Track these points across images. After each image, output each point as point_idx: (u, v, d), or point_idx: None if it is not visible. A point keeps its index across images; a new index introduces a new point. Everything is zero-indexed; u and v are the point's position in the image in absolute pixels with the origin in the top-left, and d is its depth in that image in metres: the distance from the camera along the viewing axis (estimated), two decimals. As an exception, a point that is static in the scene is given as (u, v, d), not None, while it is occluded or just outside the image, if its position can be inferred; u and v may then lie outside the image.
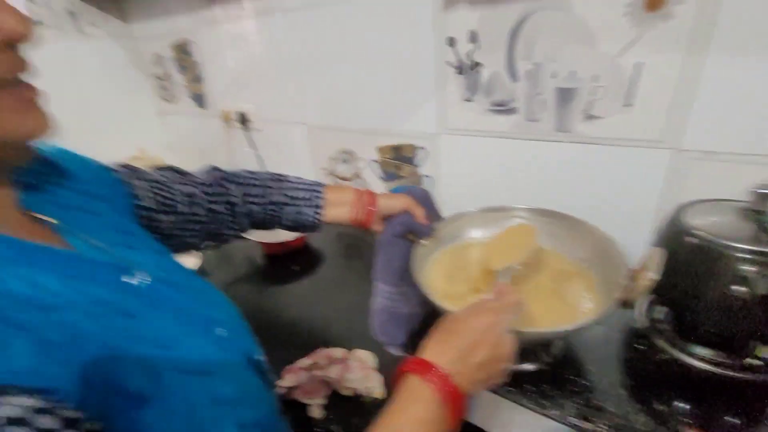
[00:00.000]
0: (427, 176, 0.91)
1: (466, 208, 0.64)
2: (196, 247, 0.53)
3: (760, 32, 0.50)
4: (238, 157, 1.31)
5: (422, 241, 0.57)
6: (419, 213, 0.56)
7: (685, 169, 0.61)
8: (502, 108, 0.73)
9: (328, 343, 0.68)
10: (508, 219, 0.62)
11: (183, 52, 1.24)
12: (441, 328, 0.39)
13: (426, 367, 0.34)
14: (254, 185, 0.54)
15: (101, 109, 1.32)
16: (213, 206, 0.52)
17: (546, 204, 0.62)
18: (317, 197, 0.55)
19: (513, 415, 0.48)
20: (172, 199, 0.48)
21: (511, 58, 0.68)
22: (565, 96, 0.66)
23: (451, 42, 0.73)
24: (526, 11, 0.64)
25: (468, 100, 0.76)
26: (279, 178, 0.56)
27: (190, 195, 0.50)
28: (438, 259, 0.60)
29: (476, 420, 0.50)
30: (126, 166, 0.47)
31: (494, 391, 0.48)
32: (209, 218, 0.52)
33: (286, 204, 0.55)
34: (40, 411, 0.19)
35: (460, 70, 0.74)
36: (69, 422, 0.20)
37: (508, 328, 0.37)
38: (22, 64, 0.26)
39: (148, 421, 0.24)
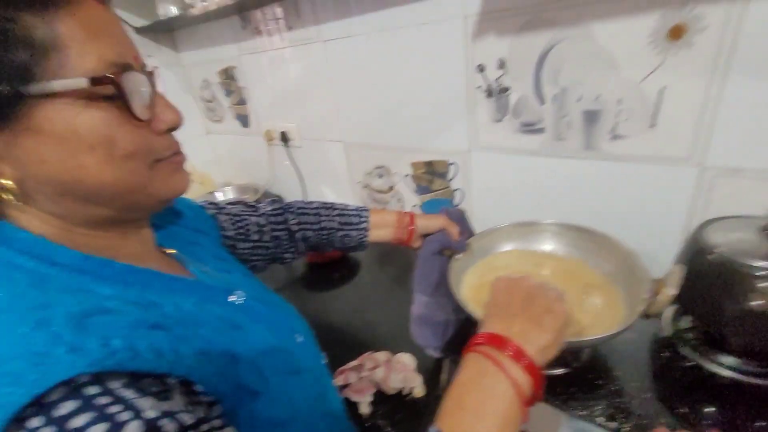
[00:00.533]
0: (458, 190, 0.96)
1: (496, 221, 0.69)
2: (261, 269, 0.62)
3: (780, 58, 0.53)
4: (278, 172, 1.41)
5: (457, 256, 0.63)
6: (454, 231, 0.62)
7: (710, 185, 0.63)
8: (531, 128, 0.78)
9: (370, 346, 0.75)
10: (538, 233, 0.67)
11: (228, 77, 1.35)
12: (492, 299, 0.40)
13: (500, 341, 0.34)
14: (308, 214, 0.62)
15: (157, 130, 1.46)
16: (276, 233, 0.61)
17: (574, 219, 0.66)
18: (363, 221, 0.63)
19: (543, 415, 0.53)
20: (246, 229, 0.56)
21: (538, 83, 0.73)
22: (591, 118, 0.70)
23: (481, 68, 0.78)
24: (552, 41, 0.69)
25: (498, 121, 0.81)
26: (329, 206, 0.64)
27: (259, 225, 0.59)
28: (471, 271, 0.66)
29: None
30: (210, 204, 0.56)
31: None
32: (273, 244, 0.61)
33: (337, 229, 0.63)
34: (192, 397, 0.27)
35: (490, 93, 0.80)
36: (209, 405, 0.28)
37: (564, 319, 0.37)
38: (176, 144, 0.35)
39: (260, 409, 0.31)
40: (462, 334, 0.63)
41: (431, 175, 0.99)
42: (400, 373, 0.64)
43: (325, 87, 1.08)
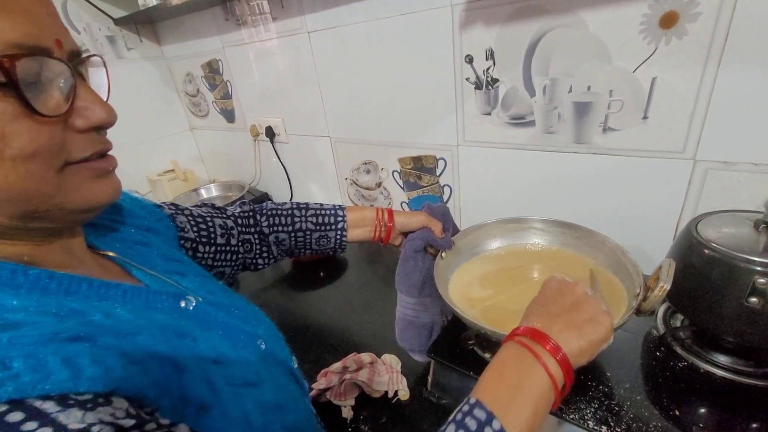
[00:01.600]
0: (447, 186, 0.94)
1: (485, 218, 0.67)
2: (231, 276, 0.58)
3: (775, 46, 0.51)
4: (265, 168, 1.37)
5: (442, 254, 0.60)
6: (437, 227, 0.59)
7: (702, 179, 0.62)
8: (520, 121, 0.75)
9: (355, 346, 0.73)
10: (525, 230, 0.65)
11: (212, 70, 1.31)
12: (540, 297, 0.41)
13: (541, 337, 0.35)
14: (281, 215, 0.59)
15: (139, 126, 1.41)
16: (245, 236, 0.57)
17: (565, 214, 0.64)
18: (340, 221, 0.60)
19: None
20: (209, 231, 0.53)
21: (528, 73, 0.71)
22: (581, 110, 0.68)
23: (470, 59, 0.76)
24: (542, 30, 0.66)
25: (486, 114, 0.79)
26: (303, 207, 0.60)
27: (224, 227, 0.55)
28: (458, 271, 0.63)
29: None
30: (171, 204, 0.52)
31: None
32: (244, 249, 0.57)
33: (313, 230, 0.59)
34: (130, 413, 0.23)
35: (479, 85, 0.77)
36: (149, 420, 0.24)
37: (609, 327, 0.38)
38: (102, 144, 0.30)
39: (209, 424, 0.28)
40: (448, 336, 0.61)
41: (419, 170, 0.97)
42: (385, 375, 0.62)
43: (312, 80, 1.05)
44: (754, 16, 0.51)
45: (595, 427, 0.45)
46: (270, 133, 1.23)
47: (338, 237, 0.60)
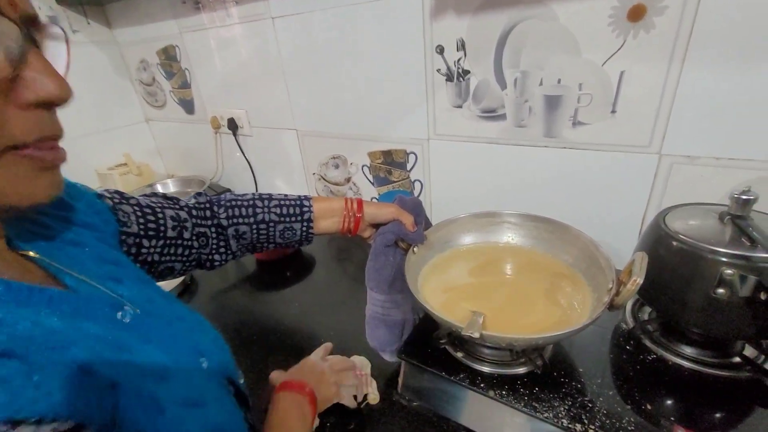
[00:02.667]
0: (418, 181, 0.92)
1: (457, 213, 0.65)
2: (181, 272, 0.53)
3: (735, 42, 0.52)
4: (227, 162, 1.30)
5: (414, 249, 0.57)
6: (408, 220, 0.57)
7: (667, 173, 0.63)
8: (491, 114, 0.74)
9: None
10: (498, 224, 0.63)
11: (169, 57, 1.22)
12: (303, 367, 0.55)
13: (301, 386, 0.48)
14: (241, 206, 0.54)
15: (86, 115, 1.30)
16: (201, 229, 0.52)
17: (535, 208, 0.63)
18: (306, 211, 0.55)
19: (506, 418, 0.49)
20: (158, 223, 0.47)
21: (499, 66, 0.70)
22: (552, 103, 0.67)
23: (440, 50, 0.74)
24: (513, 21, 0.65)
25: (458, 107, 0.77)
26: (265, 197, 0.56)
27: (176, 219, 0.49)
28: (430, 266, 0.61)
29: (470, 424, 0.51)
30: (116, 192, 0.46)
31: (488, 395, 0.49)
32: (198, 243, 0.52)
33: (276, 222, 0.55)
34: None
35: (450, 77, 0.75)
36: None
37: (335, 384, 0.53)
38: (51, 127, 0.25)
39: None
40: (420, 335, 0.58)
41: (389, 165, 0.94)
42: (354, 378, 0.58)
43: (277, 70, 0.99)
44: (717, 11, 0.52)
45: (569, 425, 0.44)
46: (232, 125, 1.16)
47: (304, 228, 0.56)
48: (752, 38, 0.51)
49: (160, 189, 1.31)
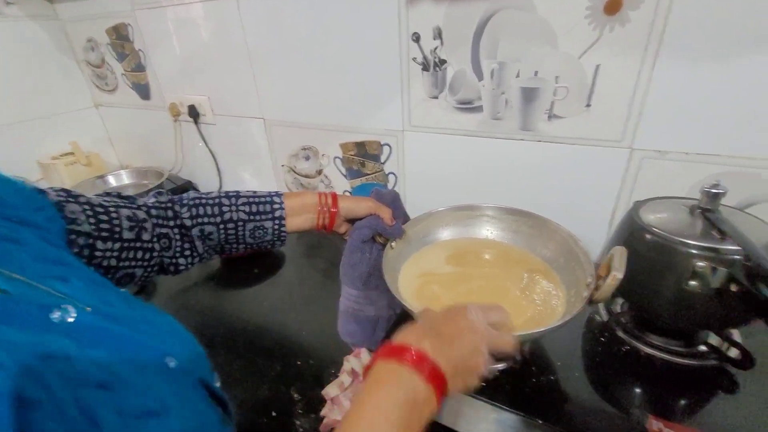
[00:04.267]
0: (392, 173, 0.89)
1: (432, 206, 0.64)
2: (144, 279, 0.47)
3: (706, 38, 0.53)
4: (188, 153, 1.22)
5: (392, 244, 0.55)
6: (386, 214, 0.55)
7: (639, 167, 0.64)
8: (468, 106, 0.73)
9: (292, 349, 0.66)
10: (476, 218, 0.62)
11: (121, 37, 1.12)
12: (422, 319, 0.37)
13: (402, 350, 0.32)
14: (206, 205, 0.49)
15: (25, 99, 1.17)
16: (162, 230, 0.47)
17: (511, 201, 0.62)
18: (277, 208, 0.52)
19: (483, 414, 0.48)
20: (112, 224, 0.42)
21: (476, 56, 0.68)
22: (528, 95, 0.67)
23: (416, 38, 0.71)
24: (491, 9, 0.64)
25: (434, 98, 0.75)
26: (232, 195, 0.52)
27: (133, 219, 0.44)
28: (408, 262, 0.59)
29: (447, 421, 0.50)
30: (62, 190, 0.41)
31: (465, 393, 0.48)
32: (160, 245, 0.47)
33: (245, 220, 0.51)
34: None
35: (426, 66, 0.73)
36: None
37: (486, 345, 0.35)
38: None
39: None
40: (396, 330, 0.56)
41: (363, 157, 0.91)
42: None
43: (242, 54, 0.93)
44: (690, 7, 0.52)
45: (547, 420, 0.44)
46: (193, 112, 1.09)
47: (276, 227, 0.52)
48: (722, 35, 0.52)
49: (112, 181, 1.21)
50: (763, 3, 0.49)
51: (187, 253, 0.50)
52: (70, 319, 0.26)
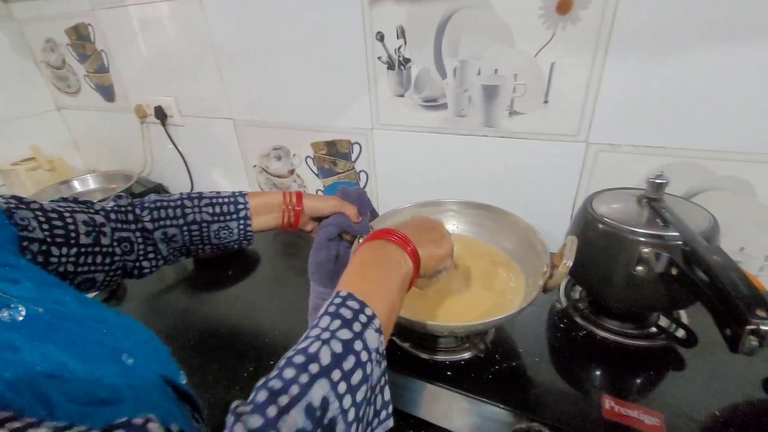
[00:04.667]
0: (363, 171, 0.90)
1: (403, 202, 0.65)
2: (106, 284, 0.47)
3: (651, 36, 0.56)
4: (157, 155, 1.20)
5: (358, 240, 0.56)
6: (351, 212, 0.56)
7: (595, 160, 0.67)
8: (433, 104, 0.74)
9: (265, 350, 0.66)
10: (440, 213, 0.64)
11: (81, 37, 1.09)
12: (402, 222, 0.46)
13: (389, 232, 0.40)
14: (167, 207, 0.49)
15: (-21, 102, 1.13)
16: (123, 234, 0.47)
17: (477, 195, 0.65)
18: (242, 208, 0.52)
19: (453, 404, 0.50)
20: (67, 229, 0.41)
21: (439, 54, 0.70)
22: (489, 93, 0.69)
23: (381, 37, 0.72)
24: (450, 8, 0.65)
25: (400, 96, 0.76)
26: (194, 196, 0.52)
27: (90, 223, 0.44)
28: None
29: (420, 412, 0.51)
30: (12, 197, 0.40)
31: (434, 383, 0.49)
32: (121, 249, 0.47)
33: (209, 222, 0.51)
34: None
35: (391, 65, 0.74)
36: None
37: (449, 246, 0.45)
38: None
39: None
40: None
41: (334, 156, 0.91)
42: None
43: (208, 54, 0.92)
44: (635, 6, 0.55)
45: (512, 405, 0.46)
46: (160, 114, 1.07)
47: (241, 227, 0.53)
48: (665, 33, 0.55)
49: (77, 186, 1.18)
50: (700, 3, 0.52)
51: (151, 256, 0.50)
52: (19, 317, 0.26)
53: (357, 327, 0.31)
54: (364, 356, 0.30)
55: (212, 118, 1.02)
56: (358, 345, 0.30)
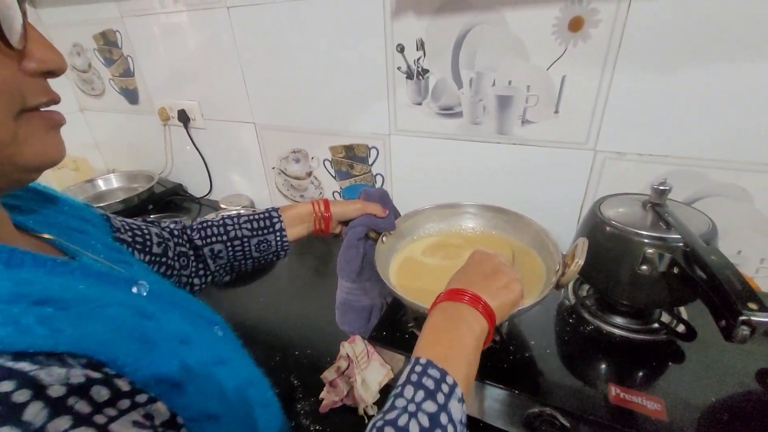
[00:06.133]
0: (379, 175, 0.95)
1: (417, 205, 0.69)
2: None
3: (656, 52, 0.60)
4: (177, 156, 1.24)
5: (383, 238, 0.61)
6: (377, 210, 0.60)
7: (602, 167, 0.71)
8: (449, 112, 0.79)
9: (289, 340, 0.70)
10: (459, 214, 0.68)
11: (109, 43, 1.14)
12: (463, 267, 0.45)
13: (458, 293, 0.39)
14: (211, 227, 0.55)
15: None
16: (181, 249, 0.52)
17: (489, 199, 0.69)
18: (277, 221, 0.57)
19: (471, 390, 0.54)
20: (144, 237, 0.47)
21: (456, 66, 0.74)
22: (503, 103, 0.73)
23: (401, 48, 0.77)
24: (468, 24, 0.70)
25: (417, 104, 0.81)
26: (234, 216, 0.57)
27: (160, 236, 0.50)
28: (399, 253, 0.64)
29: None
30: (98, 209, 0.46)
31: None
32: (179, 264, 0.52)
33: (249, 236, 0.56)
34: (96, 380, 0.21)
35: (410, 75, 0.79)
36: (122, 393, 0.22)
37: (515, 279, 0.44)
38: (52, 93, 0.28)
39: (187, 402, 0.26)
40: (389, 319, 0.62)
41: (351, 159, 0.96)
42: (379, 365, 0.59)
43: (232, 61, 0.97)
44: (642, 25, 0.60)
45: (525, 393, 0.50)
46: (183, 117, 1.11)
47: (279, 239, 0.57)
48: (669, 49, 0.59)
49: (101, 185, 1.23)
50: (701, 21, 0.56)
51: (201, 273, 0.55)
52: (145, 293, 0.31)
53: (441, 398, 0.31)
54: (450, 430, 0.30)
55: (234, 122, 1.07)
56: (443, 418, 0.31)
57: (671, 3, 0.57)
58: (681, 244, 0.49)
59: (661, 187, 0.54)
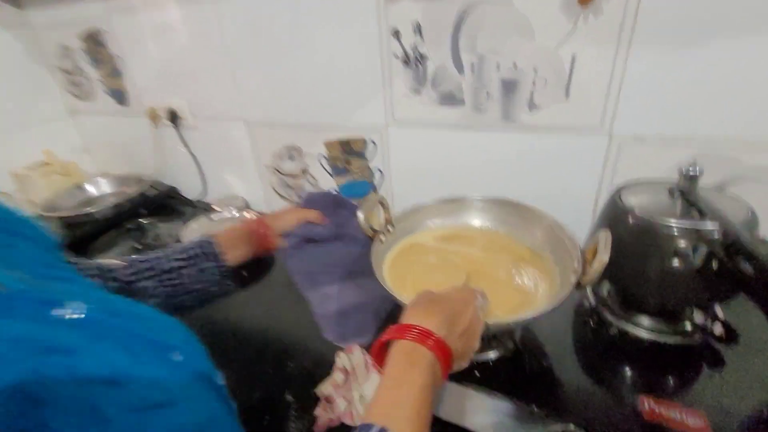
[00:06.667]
0: (378, 170, 0.89)
1: (418, 200, 0.64)
2: None
3: (676, 25, 0.54)
4: (169, 158, 1.20)
5: (381, 238, 0.55)
6: (313, 216, 0.58)
7: (618, 152, 0.65)
8: (450, 100, 0.73)
9: (285, 349, 0.65)
10: (465, 209, 0.63)
11: (95, 43, 1.10)
12: (421, 298, 0.40)
13: (424, 334, 0.34)
14: (140, 262, 0.50)
15: (-4, 108, 1.14)
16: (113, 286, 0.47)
17: (496, 191, 0.63)
18: (211, 246, 0.52)
19: (479, 403, 0.48)
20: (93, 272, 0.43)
21: (456, 50, 0.69)
22: (508, 87, 0.68)
23: (396, 34, 0.71)
24: (468, 4, 0.64)
25: (416, 92, 0.75)
26: (166, 249, 0.52)
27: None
28: (395, 253, 0.59)
29: (445, 414, 0.50)
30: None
31: (461, 383, 0.48)
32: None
33: (182, 267, 0.51)
34: None
35: (407, 62, 0.73)
36: None
37: (480, 310, 0.40)
38: None
39: None
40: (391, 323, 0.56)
41: (348, 154, 0.90)
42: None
43: (221, 56, 0.92)
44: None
45: (540, 409, 0.44)
46: (173, 117, 1.07)
47: (217, 265, 0.52)
48: (691, 21, 0.54)
49: (92, 190, 1.18)
50: (728, -10, 0.50)
51: None
52: (74, 315, 0.25)
53: None
54: None
55: (224, 120, 1.02)
56: None
57: (695, -34, 0.51)
58: (719, 235, 0.43)
59: (691, 171, 0.48)
